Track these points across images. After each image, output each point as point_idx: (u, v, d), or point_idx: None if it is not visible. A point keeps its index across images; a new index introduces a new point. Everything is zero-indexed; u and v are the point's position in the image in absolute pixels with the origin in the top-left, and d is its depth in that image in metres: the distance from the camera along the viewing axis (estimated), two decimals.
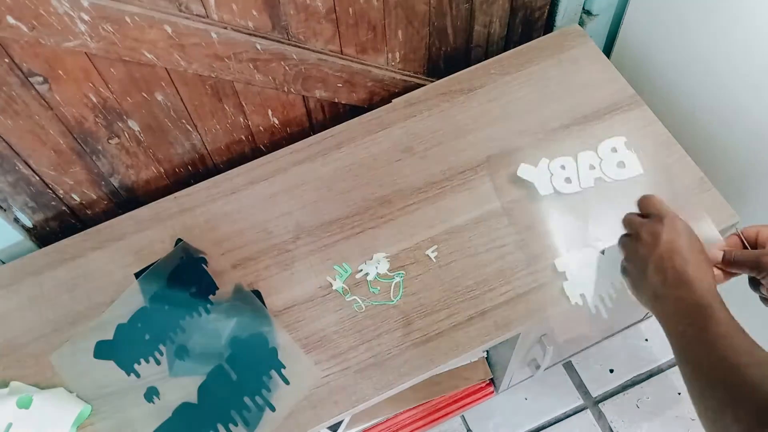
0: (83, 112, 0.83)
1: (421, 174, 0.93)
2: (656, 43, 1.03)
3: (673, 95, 1.04)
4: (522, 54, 1.03)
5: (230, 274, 0.86)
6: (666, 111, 0.99)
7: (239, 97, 0.92)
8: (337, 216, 0.90)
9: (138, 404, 0.78)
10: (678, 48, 0.99)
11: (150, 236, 0.90)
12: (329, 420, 0.77)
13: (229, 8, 0.79)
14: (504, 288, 0.83)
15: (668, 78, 1.04)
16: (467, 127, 0.96)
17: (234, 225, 0.91)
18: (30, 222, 0.94)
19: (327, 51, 0.92)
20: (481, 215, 0.88)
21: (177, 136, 0.93)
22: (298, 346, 0.80)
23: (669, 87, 1.05)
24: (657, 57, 1.05)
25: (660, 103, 1.01)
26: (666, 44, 1.01)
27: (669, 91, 1.05)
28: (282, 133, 1.02)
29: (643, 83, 1.04)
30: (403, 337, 0.81)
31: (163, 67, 0.81)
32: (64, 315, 0.85)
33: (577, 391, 1.30)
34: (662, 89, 1.06)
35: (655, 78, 1.07)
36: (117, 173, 0.94)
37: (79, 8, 0.70)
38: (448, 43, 1.02)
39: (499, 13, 1.02)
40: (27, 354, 0.83)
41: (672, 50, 1.01)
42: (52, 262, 0.90)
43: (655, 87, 1.06)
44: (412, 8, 0.92)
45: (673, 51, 1.01)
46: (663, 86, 1.06)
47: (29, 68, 0.74)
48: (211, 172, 1.00)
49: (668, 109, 1.02)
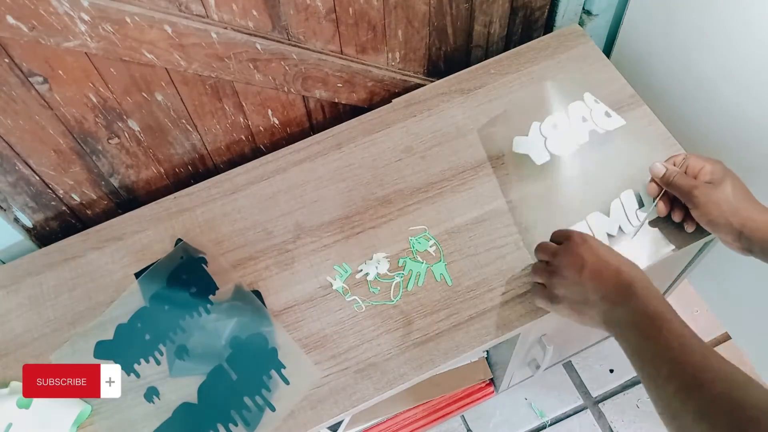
0: (83, 112, 0.83)
1: (421, 174, 0.93)
2: (656, 43, 1.03)
3: (673, 94, 1.04)
4: (522, 54, 1.03)
5: (230, 273, 0.86)
6: (666, 110, 0.99)
7: (239, 97, 0.92)
8: (337, 216, 0.90)
9: (138, 404, 0.78)
10: (678, 48, 0.99)
11: (150, 236, 0.90)
12: (329, 420, 0.77)
13: (229, 8, 0.79)
14: (504, 288, 0.83)
15: (668, 77, 1.04)
16: (467, 127, 0.96)
17: (234, 225, 0.91)
18: (30, 222, 0.94)
19: (327, 51, 0.92)
20: (482, 215, 0.88)
21: (177, 136, 0.93)
22: (298, 345, 0.80)
23: (669, 86, 1.05)
24: (657, 57, 1.05)
25: (660, 103, 1.01)
26: (666, 44, 1.01)
27: (669, 90, 1.05)
28: (282, 133, 1.02)
29: (642, 83, 1.04)
30: (404, 337, 0.81)
31: (163, 67, 0.81)
32: (64, 315, 0.85)
33: (577, 391, 1.30)
34: (662, 89, 1.06)
35: (654, 77, 1.07)
36: (117, 173, 0.94)
37: (79, 8, 0.70)
38: (448, 43, 1.02)
39: (498, 13, 1.02)
40: (27, 354, 0.83)
41: (672, 50, 1.01)
42: (52, 262, 0.90)
43: (655, 86, 1.06)
44: (412, 8, 0.92)
45: (673, 51, 1.01)
46: (663, 86, 1.06)
47: (29, 68, 0.74)
48: (211, 172, 1.00)
49: (668, 108, 1.02)
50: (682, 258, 0.96)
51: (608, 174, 0.86)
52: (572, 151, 0.88)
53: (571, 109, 0.89)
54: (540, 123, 0.88)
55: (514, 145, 0.88)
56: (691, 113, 1.02)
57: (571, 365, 1.32)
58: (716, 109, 0.97)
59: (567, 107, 0.90)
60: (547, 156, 0.87)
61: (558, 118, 0.89)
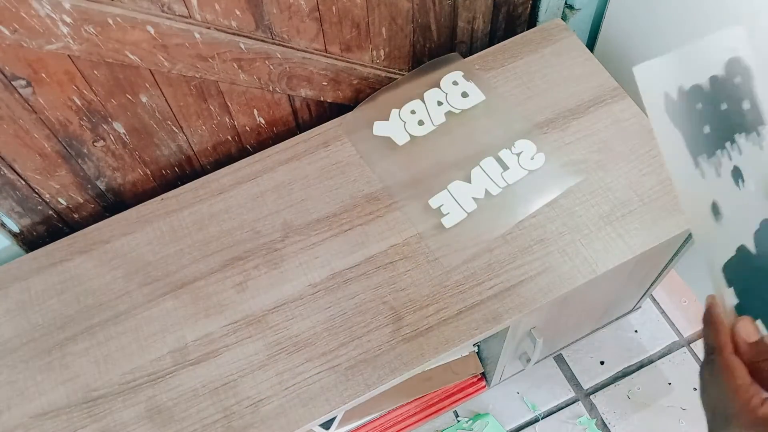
0: (68, 115, 0.82)
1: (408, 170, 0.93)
2: (639, 36, 1.04)
3: None
4: (506, 49, 1.04)
5: (221, 273, 0.86)
6: None
7: (224, 98, 0.92)
8: (325, 214, 0.90)
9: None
10: (660, 40, 1.00)
11: (138, 238, 0.90)
12: (321, 417, 0.77)
13: (211, 8, 0.79)
14: (492, 282, 0.83)
15: None
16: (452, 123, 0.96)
17: (222, 225, 0.91)
18: (17, 227, 0.93)
19: (311, 49, 0.92)
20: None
21: (163, 137, 0.93)
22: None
23: None
24: (640, 49, 1.06)
25: None
26: (648, 37, 1.02)
27: None
28: (268, 132, 1.02)
29: (626, 76, 1.05)
30: (393, 333, 0.81)
31: (146, 68, 0.81)
32: (53, 319, 0.85)
33: (568, 384, 1.31)
34: None
35: None
36: (103, 176, 0.94)
37: (61, 11, 0.70)
38: (432, 40, 1.03)
39: (482, 9, 1.02)
40: (17, 359, 0.82)
41: (654, 42, 1.02)
42: (40, 266, 0.89)
43: None
44: (395, 5, 0.92)
45: (656, 43, 1.02)
46: None
47: (12, 72, 0.74)
48: (198, 173, 1.00)
49: None
50: (667, 249, 0.97)
51: (466, 147, 0.94)
52: (429, 131, 0.96)
53: (426, 96, 0.98)
54: (399, 110, 0.97)
55: (375, 129, 0.96)
56: None
57: (562, 358, 1.33)
58: None
59: (423, 95, 0.98)
60: (407, 137, 0.95)
61: (415, 105, 0.98)
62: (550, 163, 0.91)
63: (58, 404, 0.80)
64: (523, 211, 0.88)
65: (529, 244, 0.85)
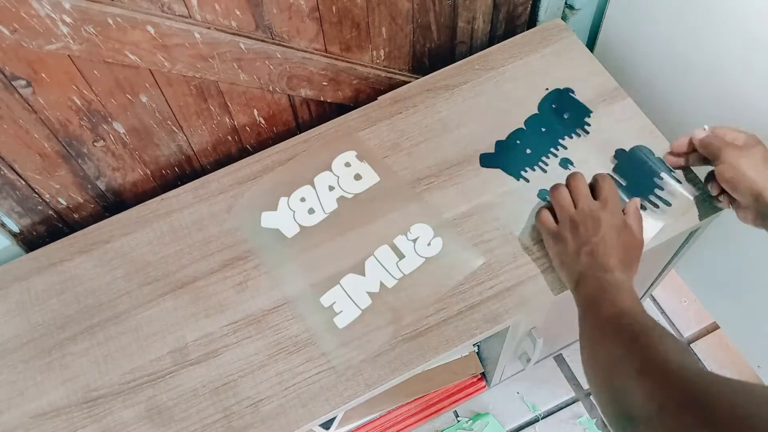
0: (68, 115, 0.82)
1: (408, 170, 0.93)
2: (639, 36, 1.04)
3: (657, 87, 1.05)
4: (506, 49, 1.04)
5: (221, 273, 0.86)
6: (649, 103, 0.99)
7: (224, 98, 0.92)
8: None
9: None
10: (661, 40, 1.00)
11: (138, 238, 0.90)
12: (321, 417, 0.77)
13: (211, 8, 0.79)
14: (492, 282, 0.83)
15: (651, 70, 1.05)
16: (453, 123, 0.97)
17: (222, 225, 0.91)
18: (17, 227, 0.93)
19: (311, 49, 0.92)
20: (469, 210, 0.89)
21: (162, 137, 0.93)
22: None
23: (652, 79, 1.06)
24: (640, 49, 1.06)
25: (643, 95, 1.02)
26: (649, 37, 1.02)
27: (652, 82, 1.06)
28: (268, 132, 1.02)
29: (626, 76, 1.05)
30: (393, 333, 0.81)
31: (146, 68, 0.81)
32: (53, 319, 0.85)
33: (568, 384, 1.31)
34: (645, 81, 1.07)
35: (638, 70, 1.08)
36: (103, 176, 0.94)
37: (61, 11, 0.70)
38: (432, 40, 1.03)
39: (482, 9, 1.02)
40: (17, 359, 0.83)
41: (655, 42, 1.02)
42: (40, 266, 0.89)
43: (639, 79, 1.07)
44: (395, 5, 0.92)
45: (656, 43, 1.02)
46: (646, 78, 1.07)
47: (12, 72, 0.74)
48: (197, 173, 1.00)
49: (652, 100, 1.03)
50: (668, 248, 0.97)
51: (360, 235, 0.88)
52: (321, 219, 0.89)
53: (317, 181, 0.92)
54: (288, 198, 0.91)
55: (263, 221, 0.89)
56: (675, 105, 1.03)
57: (562, 358, 1.33)
58: (700, 100, 0.98)
59: (313, 179, 0.92)
60: (297, 228, 0.89)
61: (305, 191, 0.91)
62: (449, 246, 0.86)
63: (58, 404, 0.80)
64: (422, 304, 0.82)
65: (529, 244, 0.85)
